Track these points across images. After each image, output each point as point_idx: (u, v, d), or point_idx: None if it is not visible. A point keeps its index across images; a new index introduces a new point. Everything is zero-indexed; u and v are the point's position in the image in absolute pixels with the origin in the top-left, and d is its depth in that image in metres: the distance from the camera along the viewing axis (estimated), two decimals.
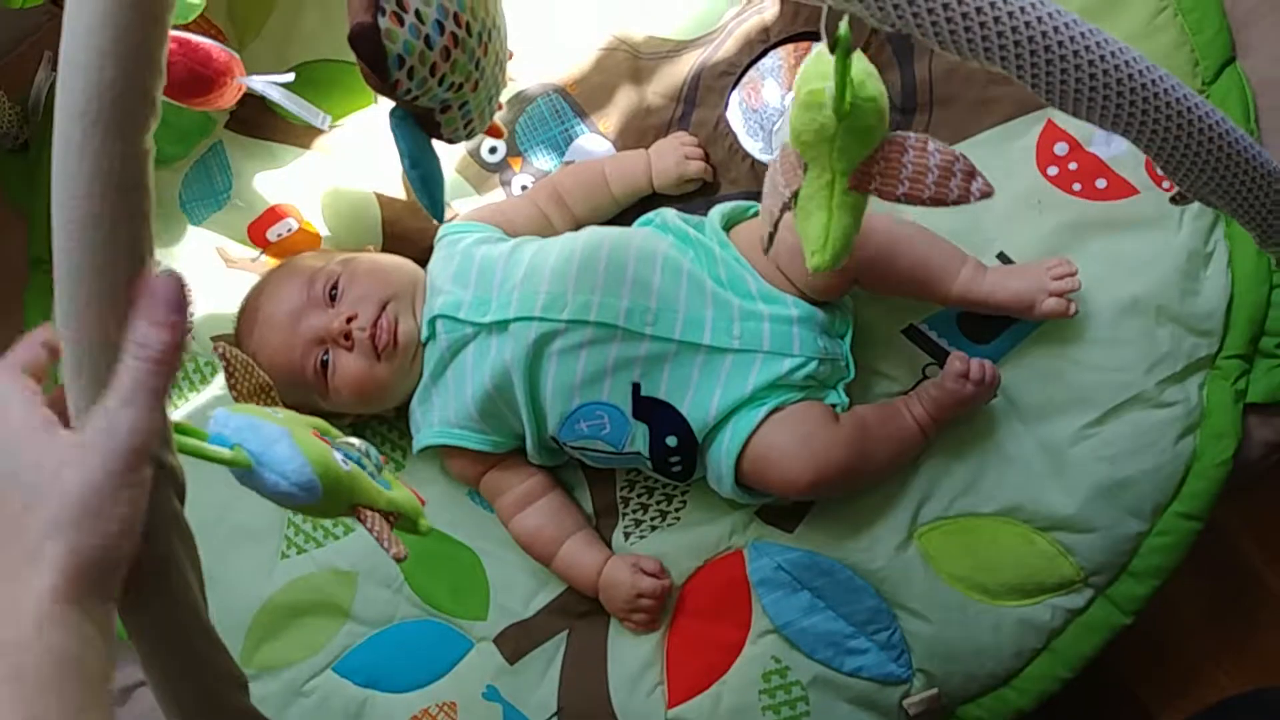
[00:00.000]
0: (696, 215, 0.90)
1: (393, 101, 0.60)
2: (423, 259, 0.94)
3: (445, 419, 0.89)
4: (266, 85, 0.92)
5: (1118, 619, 0.83)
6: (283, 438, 0.55)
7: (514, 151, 1.00)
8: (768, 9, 0.95)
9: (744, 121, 0.96)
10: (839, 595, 0.86)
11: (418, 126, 0.63)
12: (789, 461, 0.80)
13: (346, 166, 1.01)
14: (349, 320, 0.86)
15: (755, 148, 0.95)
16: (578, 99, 0.99)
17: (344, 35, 0.54)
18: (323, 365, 0.88)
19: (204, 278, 1.03)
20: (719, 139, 0.95)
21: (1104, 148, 0.86)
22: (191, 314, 0.47)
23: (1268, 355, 0.83)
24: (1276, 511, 1.05)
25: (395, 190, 1.01)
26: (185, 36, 0.87)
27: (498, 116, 0.71)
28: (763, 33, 0.95)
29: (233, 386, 0.65)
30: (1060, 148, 0.87)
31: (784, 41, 0.95)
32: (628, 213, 0.95)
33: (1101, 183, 0.86)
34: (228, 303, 0.98)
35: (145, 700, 0.49)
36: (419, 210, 0.91)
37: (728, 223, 0.88)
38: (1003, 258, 0.87)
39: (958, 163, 0.54)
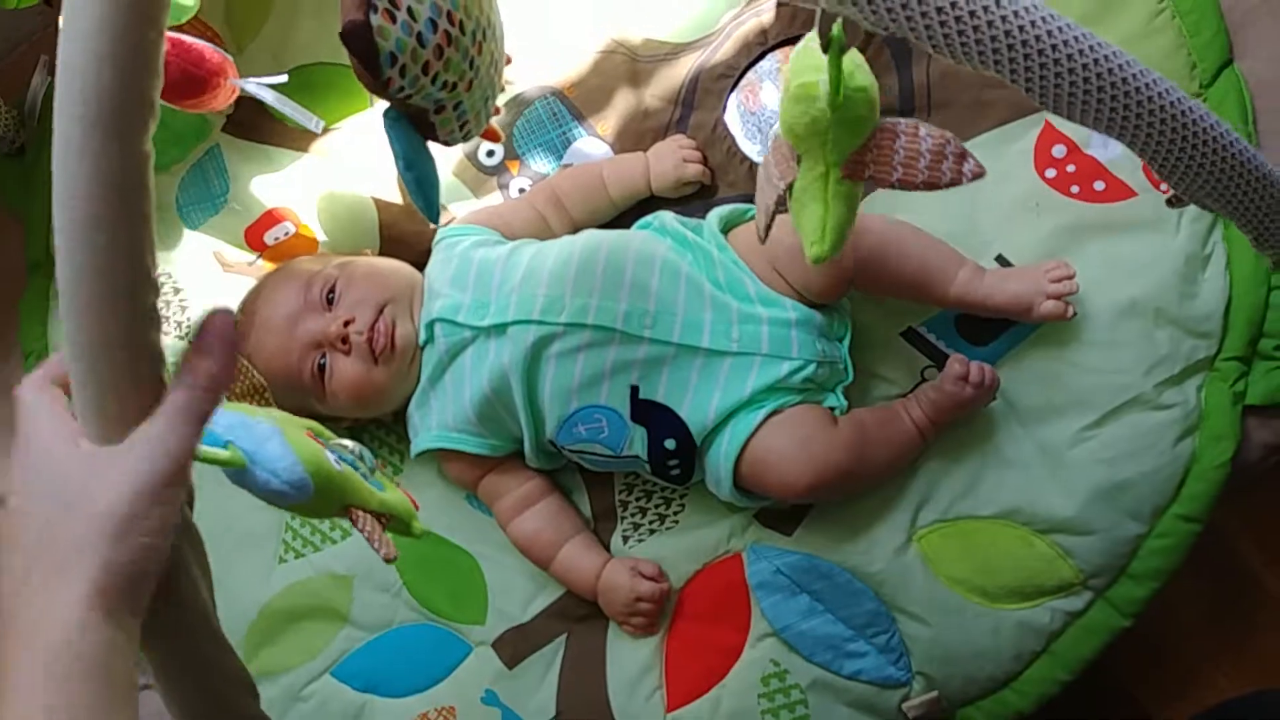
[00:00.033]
0: (695, 218, 0.90)
1: (387, 102, 0.60)
2: (420, 262, 0.94)
3: (443, 423, 0.89)
4: (259, 87, 0.92)
5: (1117, 621, 0.83)
6: (274, 436, 0.55)
7: (512, 155, 1.00)
8: (765, 12, 0.95)
9: (742, 124, 0.96)
10: (838, 598, 0.86)
11: (412, 127, 0.63)
12: (787, 464, 0.80)
13: (343, 170, 1.01)
14: (346, 324, 0.86)
15: (753, 150, 0.95)
16: (575, 102, 0.99)
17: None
18: (320, 369, 0.87)
19: (201, 282, 1.03)
20: (717, 142, 0.95)
21: (1102, 150, 0.86)
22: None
23: (1266, 357, 0.83)
24: (1275, 513, 1.04)
25: (392, 194, 1.01)
26: (178, 37, 0.87)
27: (495, 120, 0.71)
28: (760, 35, 0.95)
29: None
30: (1058, 150, 0.87)
31: (782, 44, 0.95)
32: (626, 215, 0.95)
33: (1099, 185, 0.86)
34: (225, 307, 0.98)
35: (152, 703, 0.49)
36: (416, 213, 0.91)
37: (726, 225, 0.88)
38: (1001, 260, 0.87)
39: (949, 145, 0.54)
